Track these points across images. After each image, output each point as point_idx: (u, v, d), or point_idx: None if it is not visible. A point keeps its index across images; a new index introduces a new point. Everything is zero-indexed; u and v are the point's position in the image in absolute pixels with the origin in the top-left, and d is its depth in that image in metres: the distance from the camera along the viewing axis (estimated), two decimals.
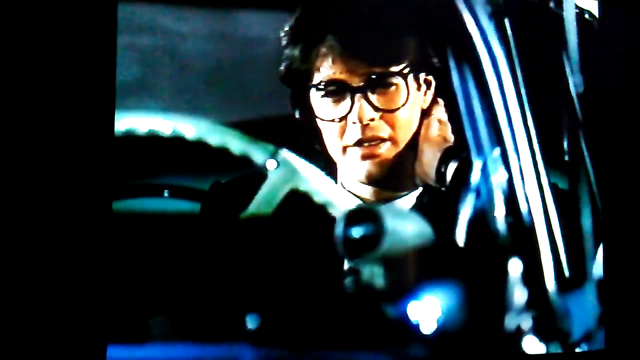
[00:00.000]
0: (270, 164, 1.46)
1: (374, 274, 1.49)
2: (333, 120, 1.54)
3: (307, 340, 1.50)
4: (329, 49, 1.52)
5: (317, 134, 1.56)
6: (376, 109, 1.54)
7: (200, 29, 1.47)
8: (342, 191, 1.53)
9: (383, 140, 1.55)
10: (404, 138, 1.57)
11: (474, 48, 1.60)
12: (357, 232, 1.45)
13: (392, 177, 1.57)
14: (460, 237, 1.56)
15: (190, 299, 1.45)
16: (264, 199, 1.46)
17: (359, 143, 1.54)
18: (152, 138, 1.40)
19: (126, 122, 1.39)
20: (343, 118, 1.54)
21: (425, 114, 1.60)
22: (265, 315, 1.46)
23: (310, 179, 1.48)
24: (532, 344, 1.62)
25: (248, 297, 1.47)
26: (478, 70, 1.61)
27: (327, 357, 1.51)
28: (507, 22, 1.66)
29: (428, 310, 1.55)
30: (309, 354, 1.50)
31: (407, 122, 1.58)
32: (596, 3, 1.80)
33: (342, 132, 1.55)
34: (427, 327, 1.54)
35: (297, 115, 1.56)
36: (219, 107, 1.45)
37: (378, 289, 1.50)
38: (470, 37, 1.61)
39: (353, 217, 1.46)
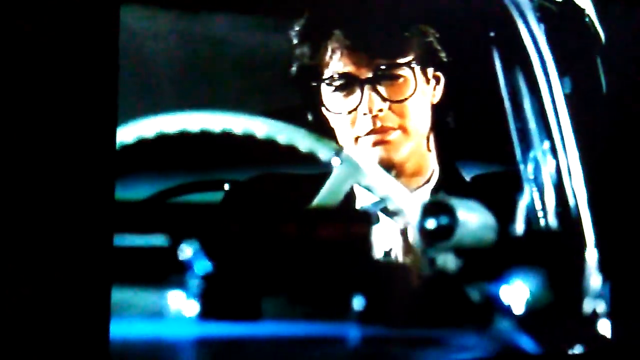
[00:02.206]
0: (335, 161, 1.53)
1: (447, 261, 1.57)
2: (344, 113, 1.60)
3: (408, 320, 1.59)
4: (337, 44, 1.59)
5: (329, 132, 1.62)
6: (384, 99, 1.59)
7: (167, 28, 1.52)
8: (399, 186, 1.58)
9: (393, 129, 1.60)
10: (414, 128, 1.62)
11: (524, 47, 1.70)
12: (431, 223, 1.55)
13: (403, 164, 1.61)
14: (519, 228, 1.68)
15: (301, 283, 1.53)
16: (329, 192, 1.53)
17: (370, 133, 1.59)
18: (225, 135, 1.49)
19: (198, 120, 1.48)
20: (353, 110, 1.59)
21: (436, 109, 1.66)
22: (369, 297, 1.53)
23: (371, 174, 1.55)
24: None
25: (352, 281, 1.55)
26: (527, 68, 1.70)
27: (429, 335, 1.60)
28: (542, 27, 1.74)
29: (513, 293, 1.65)
30: (409, 331, 1.59)
31: (416, 113, 1.62)
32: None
33: (353, 124, 1.60)
34: (516, 309, 1.65)
35: (310, 117, 1.62)
36: (185, 108, 1.49)
37: (451, 274, 1.58)
38: (520, 37, 1.70)
39: (428, 209, 1.55)
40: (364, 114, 1.59)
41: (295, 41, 1.61)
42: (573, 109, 1.73)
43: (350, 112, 1.59)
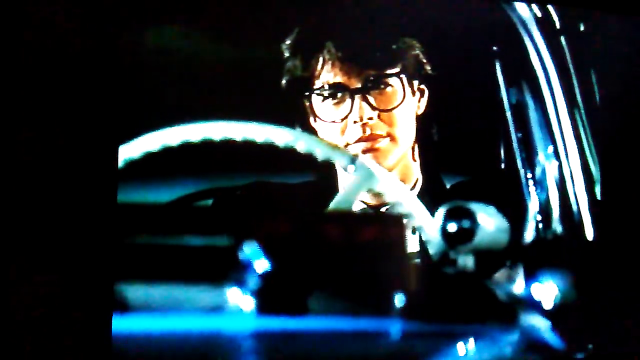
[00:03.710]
0: (350, 168, 1.61)
1: (467, 263, 1.67)
2: (334, 122, 1.66)
3: (444, 315, 1.69)
4: (328, 55, 1.65)
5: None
6: (374, 108, 1.66)
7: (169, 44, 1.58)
8: (409, 192, 1.68)
9: (382, 137, 1.66)
10: (401, 136, 1.68)
11: (528, 60, 1.80)
12: (453, 227, 1.66)
13: (390, 171, 1.67)
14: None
15: (345, 281, 1.64)
16: (345, 197, 1.63)
17: (359, 140, 1.66)
18: (248, 143, 1.57)
19: (223, 129, 1.56)
20: (344, 119, 1.66)
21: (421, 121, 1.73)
22: (409, 294, 1.65)
23: (383, 181, 1.64)
24: None
25: (394, 280, 1.67)
26: (531, 81, 1.80)
27: (464, 330, 1.69)
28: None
29: (543, 291, 1.75)
30: (445, 326, 1.69)
31: (403, 121, 1.69)
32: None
33: (343, 132, 1.66)
34: (546, 304, 1.75)
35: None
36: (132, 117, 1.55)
37: (470, 274, 1.68)
38: (524, 50, 1.81)
39: (450, 214, 1.65)
40: (354, 122, 1.65)
41: (287, 54, 1.66)
42: (570, 116, 1.82)
43: (341, 121, 1.65)
